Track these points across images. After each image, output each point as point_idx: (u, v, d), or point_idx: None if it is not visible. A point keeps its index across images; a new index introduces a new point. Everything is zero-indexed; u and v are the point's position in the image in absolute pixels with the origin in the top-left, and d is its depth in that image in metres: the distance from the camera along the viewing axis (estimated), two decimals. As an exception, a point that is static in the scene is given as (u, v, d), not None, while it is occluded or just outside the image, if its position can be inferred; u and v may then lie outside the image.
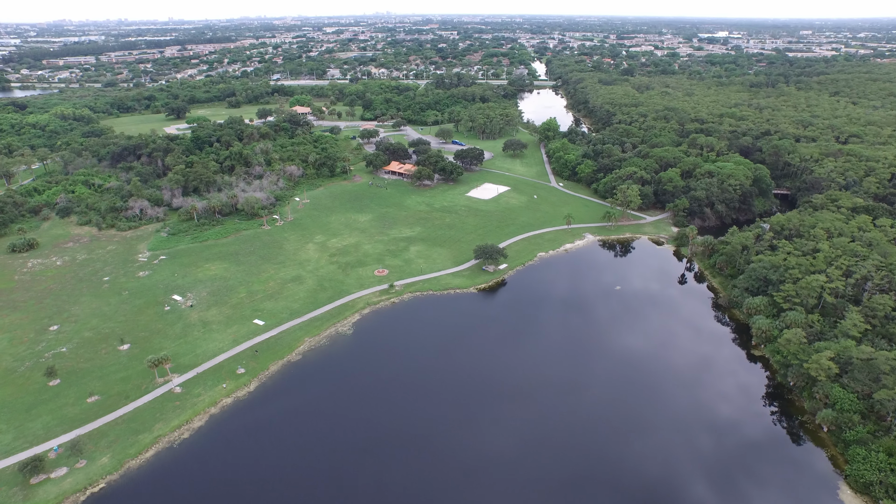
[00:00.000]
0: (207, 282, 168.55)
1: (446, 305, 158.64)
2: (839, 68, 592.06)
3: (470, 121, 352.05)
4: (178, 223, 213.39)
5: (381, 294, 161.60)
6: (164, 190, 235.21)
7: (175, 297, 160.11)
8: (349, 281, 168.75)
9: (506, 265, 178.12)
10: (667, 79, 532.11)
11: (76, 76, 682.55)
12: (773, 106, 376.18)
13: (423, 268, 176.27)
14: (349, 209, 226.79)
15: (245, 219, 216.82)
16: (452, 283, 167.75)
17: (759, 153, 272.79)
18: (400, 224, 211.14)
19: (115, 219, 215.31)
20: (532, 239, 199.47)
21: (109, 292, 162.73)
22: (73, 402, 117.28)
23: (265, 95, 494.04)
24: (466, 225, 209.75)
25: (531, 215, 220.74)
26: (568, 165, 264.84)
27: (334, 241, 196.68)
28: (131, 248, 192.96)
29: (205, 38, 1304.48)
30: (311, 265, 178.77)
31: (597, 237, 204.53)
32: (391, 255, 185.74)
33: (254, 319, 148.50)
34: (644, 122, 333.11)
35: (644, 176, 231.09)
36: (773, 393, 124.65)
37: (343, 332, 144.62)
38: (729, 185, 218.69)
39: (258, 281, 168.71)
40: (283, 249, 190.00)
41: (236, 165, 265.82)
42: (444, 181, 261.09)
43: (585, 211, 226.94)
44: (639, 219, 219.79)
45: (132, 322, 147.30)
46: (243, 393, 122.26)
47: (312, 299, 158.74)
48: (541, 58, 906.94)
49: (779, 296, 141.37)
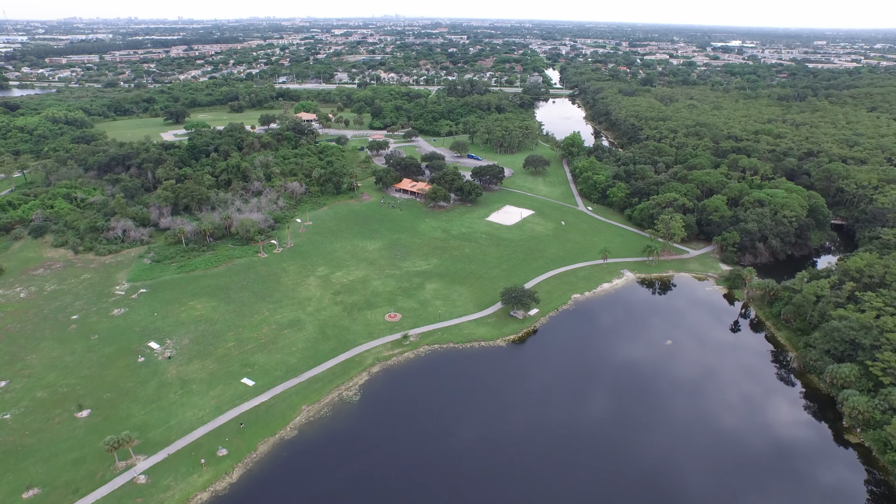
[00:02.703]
0: (191, 325, 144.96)
1: (470, 362, 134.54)
2: (868, 81, 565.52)
3: (486, 133, 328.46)
4: (164, 247, 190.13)
5: (394, 346, 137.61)
6: (152, 207, 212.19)
7: (152, 344, 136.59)
8: (356, 327, 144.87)
9: (537, 310, 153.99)
10: (690, 90, 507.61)
11: (77, 75, 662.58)
12: (809, 122, 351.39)
13: (441, 312, 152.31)
14: (356, 234, 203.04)
15: (239, 244, 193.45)
16: (476, 334, 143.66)
17: (806, 177, 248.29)
18: (413, 254, 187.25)
19: (94, 240, 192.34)
20: (564, 276, 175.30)
21: (76, 336, 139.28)
22: (2, 500, 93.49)
23: (269, 100, 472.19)
24: (488, 257, 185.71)
25: (560, 246, 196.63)
26: (597, 188, 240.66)
27: (339, 274, 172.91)
28: (108, 278, 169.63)
29: (212, 39, 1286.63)
30: (313, 305, 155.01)
31: (636, 274, 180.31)
32: (404, 294, 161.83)
33: (242, 378, 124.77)
34: (675, 139, 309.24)
35: (686, 203, 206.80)
36: (881, 497, 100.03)
37: (348, 398, 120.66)
38: (783, 217, 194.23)
39: (250, 325, 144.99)
40: (280, 284, 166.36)
41: (233, 180, 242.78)
42: (460, 202, 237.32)
43: (620, 241, 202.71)
44: (681, 252, 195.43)
45: (97, 378, 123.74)
46: (223, 485, 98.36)
47: (313, 351, 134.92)
48: (553, 64, 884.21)
49: (876, 367, 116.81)
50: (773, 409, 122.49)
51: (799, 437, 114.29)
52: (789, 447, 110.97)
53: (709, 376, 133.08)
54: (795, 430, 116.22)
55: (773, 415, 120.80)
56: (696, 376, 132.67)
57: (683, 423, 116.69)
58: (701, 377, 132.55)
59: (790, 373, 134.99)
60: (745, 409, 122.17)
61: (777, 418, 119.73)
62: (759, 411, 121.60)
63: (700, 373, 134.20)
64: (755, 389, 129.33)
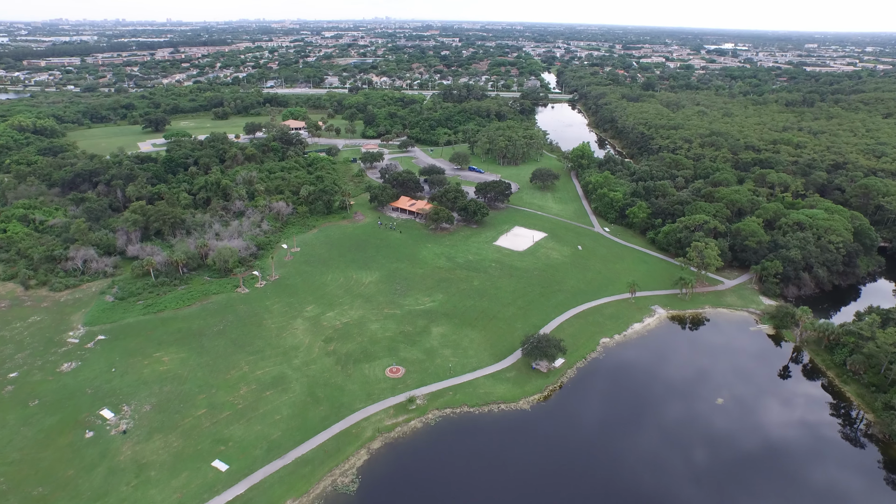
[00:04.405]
0: (155, 384, 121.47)
1: (490, 432, 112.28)
2: (875, 86, 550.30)
3: (488, 143, 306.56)
4: (130, 281, 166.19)
5: (397, 412, 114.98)
6: (119, 232, 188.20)
7: (105, 412, 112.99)
8: (352, 386, 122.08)
9: (562, 360, 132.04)
10: (695, 95, 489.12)
11: (55, 79, 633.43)
12: (827, 130, 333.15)
13: (451, 364, 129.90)
14: (350, 263, 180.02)
15: (217, 276, 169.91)
16: (495, 393, 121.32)
17: (839, 193, 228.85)
18: (416, 288, 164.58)
19: (49, 272, 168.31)
20: (588, 315, 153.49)
21: (11, 402, 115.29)
22: None
23: (256, 106, 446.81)
24: (501, 291, 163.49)
25: (580, 276, 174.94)
26: (614, 206, 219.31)
27: (331, 315, 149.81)
28: (62, 321, 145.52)
29: (200, 41, 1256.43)
30: (300, 356, 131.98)
31: (668, 311, 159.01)
32: (407, 340, 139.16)
33: (214, 460, 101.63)
34: (689, 150, 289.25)
35: (717, 227, 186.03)
36: None
37: (343, 486, 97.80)
38: (829, 242, 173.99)
39: (225, 385, 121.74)
40: (262, 329, 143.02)
41: (212, 199, 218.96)
42: (464, 223, 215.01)
43: (645, 270, 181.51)
44: (715, 283, 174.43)
45: (29, 464, 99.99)
46: None
47: (300, 420, 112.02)
48: (549, 68, 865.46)
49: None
50: (863, 495, 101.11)
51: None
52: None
53: (773, 447, 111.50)
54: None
55: (857, 497, 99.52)
56: (758, 447, 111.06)
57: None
58: (764, 448, 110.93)
59: (864, 435, 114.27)
60: (826, 491, 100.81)
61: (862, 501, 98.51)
62: (845, 498, 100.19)
63: (763, 443, 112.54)
64: (832, 468, 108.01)
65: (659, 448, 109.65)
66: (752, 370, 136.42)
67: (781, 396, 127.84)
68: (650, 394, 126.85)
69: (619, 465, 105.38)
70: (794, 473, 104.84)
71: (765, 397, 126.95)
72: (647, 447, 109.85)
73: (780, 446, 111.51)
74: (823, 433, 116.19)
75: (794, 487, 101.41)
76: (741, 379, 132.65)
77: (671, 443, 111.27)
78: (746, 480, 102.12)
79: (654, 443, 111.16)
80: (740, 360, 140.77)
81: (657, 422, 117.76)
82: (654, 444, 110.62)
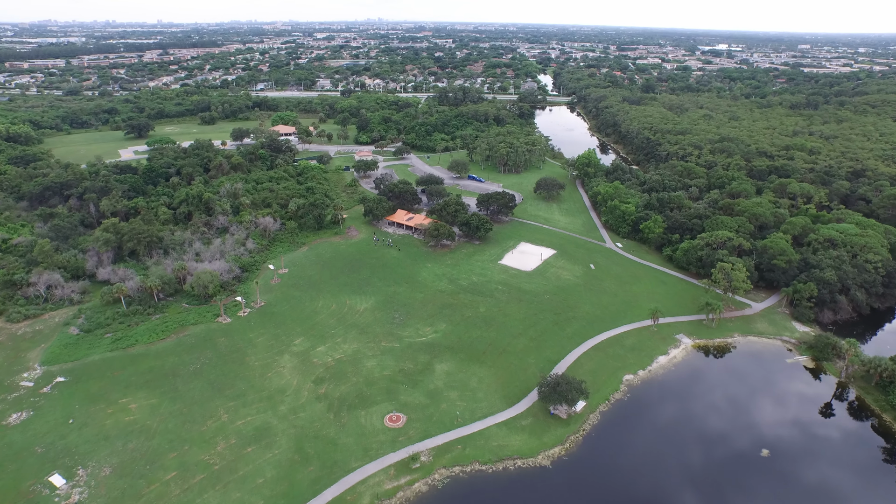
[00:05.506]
0: (118, 440, 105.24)
1: (505, 496, 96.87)
2: (877, 87, 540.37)
3: (488, 149, 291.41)
4: (98, 309, 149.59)
5: (399, 472, 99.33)
6: (90, 252, 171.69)
7: (55, 478, 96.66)
8: (346, 439, 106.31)
9: (583, 403, 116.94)
10: (697, 97, 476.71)
11: (37, 81, 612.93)
12: (839, 134, 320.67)
13: (459, 409, 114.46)
14: (343, 287, 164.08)
15: (196, 302, 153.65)
16: (510, 447, 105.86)
17: (863, 203, 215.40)
18: (415, 316, 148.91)
19: (7, 299, 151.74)
20: (608, 347, 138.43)
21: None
22: None
23: (245, 110, 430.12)
24: (510, 319, 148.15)
25: (595, 300, 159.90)
26: (626, 220, 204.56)
27: (322, 349, 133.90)
28: (16, 360, 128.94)
29: (190, 43, 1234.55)
30: (287, 402, 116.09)
31: (693, 339, 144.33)
32: (407, 380, 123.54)
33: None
34: (700, 156, 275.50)
35: (742, 244, 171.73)
36: None
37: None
38: (867, 262, 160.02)
39: (200, 439, 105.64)
40: (244, 367, 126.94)
41: (194, 213, 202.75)
42: (466, 238, 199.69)
43: (664, 291, 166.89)
44: (742, 306, 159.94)
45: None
46: None
47: (286, 484, 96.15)
48: (545, 69, 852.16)
49: None
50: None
51: None
52: None
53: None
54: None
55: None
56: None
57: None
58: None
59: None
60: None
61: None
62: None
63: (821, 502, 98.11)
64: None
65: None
66: (795, 412, 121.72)
67: (832, 444, 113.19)
68: (684, 443, 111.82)
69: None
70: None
71: (814, 446, 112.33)
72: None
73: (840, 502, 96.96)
74: (884, 484, 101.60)
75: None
76: (784, 423, 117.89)
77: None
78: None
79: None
80: (780, 399, 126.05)
81: (695, 477, 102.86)
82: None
